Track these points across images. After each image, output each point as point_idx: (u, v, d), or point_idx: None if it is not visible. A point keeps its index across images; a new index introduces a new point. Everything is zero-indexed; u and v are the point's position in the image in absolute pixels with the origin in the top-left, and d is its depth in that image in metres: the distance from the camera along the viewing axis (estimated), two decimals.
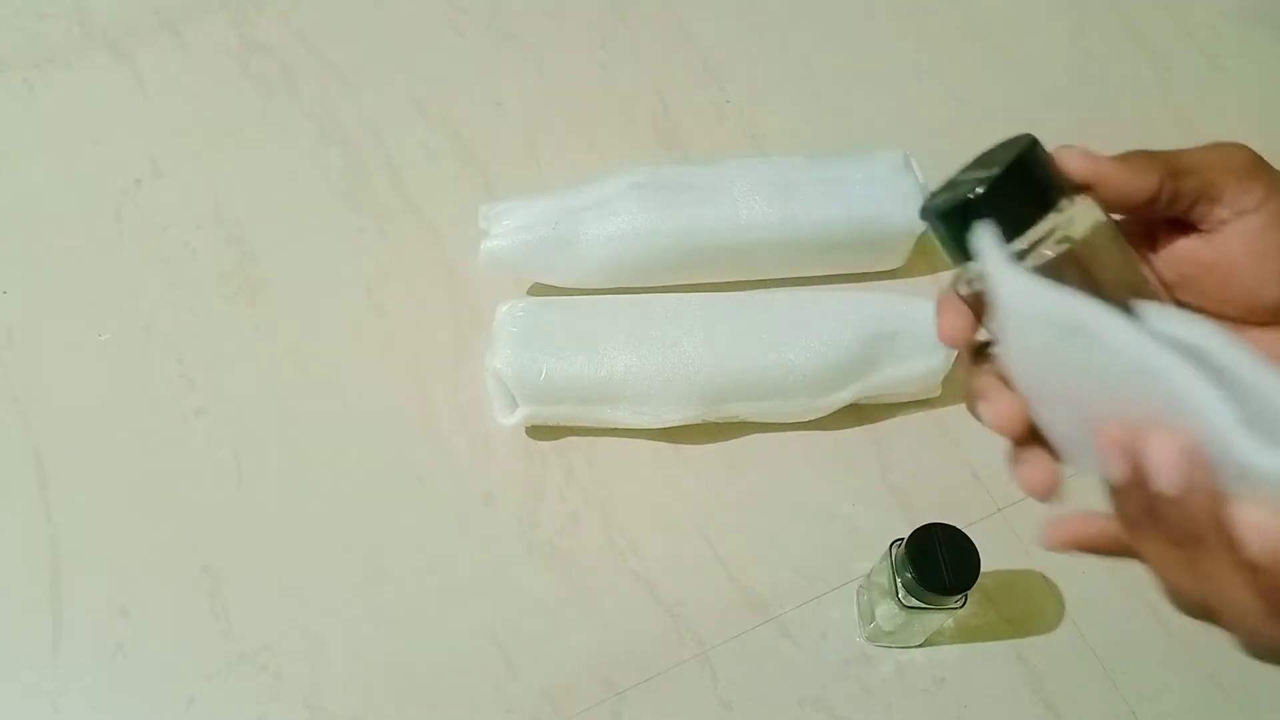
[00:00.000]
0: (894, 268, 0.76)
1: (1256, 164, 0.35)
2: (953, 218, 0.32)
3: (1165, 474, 0.29)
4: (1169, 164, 0.34)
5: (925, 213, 0.34)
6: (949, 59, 0.87)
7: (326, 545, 0.67)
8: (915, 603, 0.58)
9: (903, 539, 0.59)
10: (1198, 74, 0.88)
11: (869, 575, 0.65)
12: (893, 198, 0.72)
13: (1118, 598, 0.67)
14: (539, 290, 0.74)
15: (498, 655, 0.65)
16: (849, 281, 0.75)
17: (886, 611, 0.62)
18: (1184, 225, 0.36)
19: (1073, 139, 0.34)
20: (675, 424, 0.68)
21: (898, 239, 0.73)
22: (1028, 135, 0.33)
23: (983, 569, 0.57)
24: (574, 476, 0.70)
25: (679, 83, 0.85)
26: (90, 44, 0.84)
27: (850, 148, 0.76)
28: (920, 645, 0.65)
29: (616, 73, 0.85)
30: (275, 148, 0.80)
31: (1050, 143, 0.34)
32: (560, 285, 0.72)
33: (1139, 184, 0.34)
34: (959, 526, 0.58)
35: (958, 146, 0.36)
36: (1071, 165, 0.34)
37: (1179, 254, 0.36)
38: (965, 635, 0.66)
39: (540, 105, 0.83)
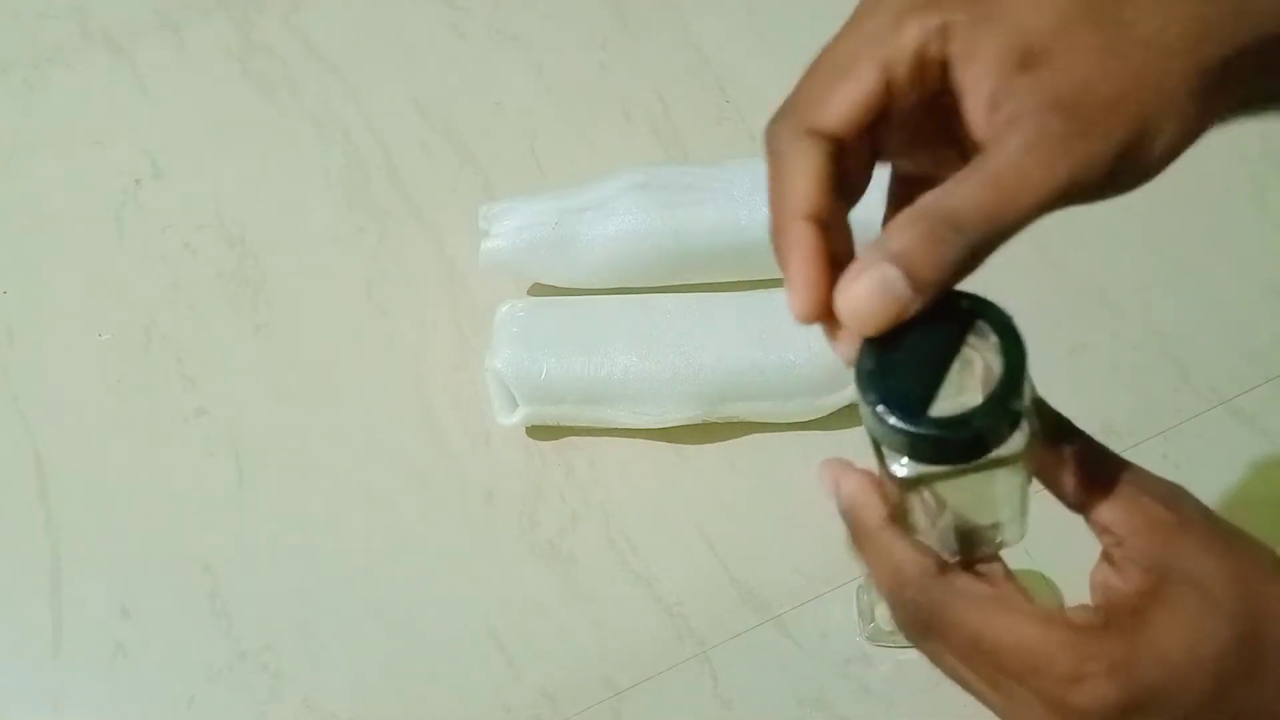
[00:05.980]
0: None
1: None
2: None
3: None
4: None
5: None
6: None
7: (326, 545, 0.67)
8: None
9: None
10: None
11: (869, 575, 0.65)
12: None
13: None
14: (539, 290, 0.74)
15: (498, 655, 0.65)
16: None
17: (886, 611, 0.61)
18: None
19: None
20: (675, 424, 0.68)
21: None
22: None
23: None
24: (574, 476, 0.70)
25: (679, 83, 0.84)
26: (90, 44, 0.84)
27: None
28: None
29: (616, 73, 0.85)
30: (275, 148, 0.80)
31: None
32: (560, 285, 0.72)
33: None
34: None
35: None
36: None
37: None
38: None
39: (540, 105, 0.83)
